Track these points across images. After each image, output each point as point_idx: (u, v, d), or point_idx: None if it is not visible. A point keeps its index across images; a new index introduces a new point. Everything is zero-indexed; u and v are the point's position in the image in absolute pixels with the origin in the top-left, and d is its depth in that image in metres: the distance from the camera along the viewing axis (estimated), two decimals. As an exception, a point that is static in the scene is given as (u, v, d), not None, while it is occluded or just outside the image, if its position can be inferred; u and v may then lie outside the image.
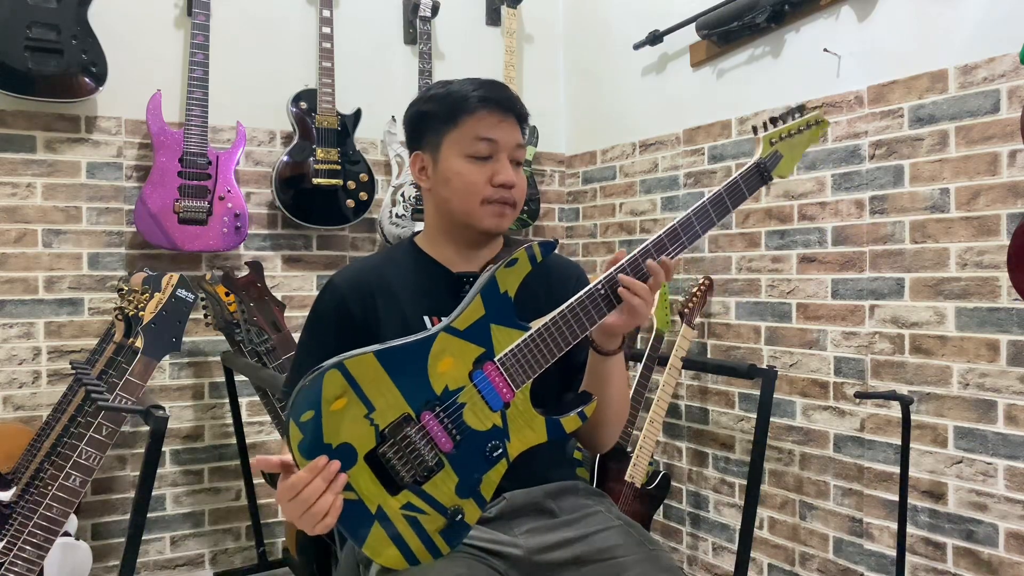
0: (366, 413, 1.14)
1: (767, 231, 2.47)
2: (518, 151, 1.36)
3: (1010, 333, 1.89)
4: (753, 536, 2.30)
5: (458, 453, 1.18)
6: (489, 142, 1.33)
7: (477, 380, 1.20)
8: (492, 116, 1.33)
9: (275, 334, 2.28)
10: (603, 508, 1.35)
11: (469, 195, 1.33)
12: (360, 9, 2.99)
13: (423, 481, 1.17)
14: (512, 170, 1.35)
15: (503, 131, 1.34)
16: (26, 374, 2.53)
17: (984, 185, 1.93)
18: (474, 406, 1.19)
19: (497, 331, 1.22)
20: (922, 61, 2.05)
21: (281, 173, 2.74)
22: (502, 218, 1.35)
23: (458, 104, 1.34)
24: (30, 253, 2.52)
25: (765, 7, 2.36)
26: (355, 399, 1.13)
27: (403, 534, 1.16)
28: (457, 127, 1.33)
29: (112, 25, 2.53)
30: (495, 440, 1.21)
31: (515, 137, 1.35)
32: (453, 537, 1.19)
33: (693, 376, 2.75)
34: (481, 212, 1.34)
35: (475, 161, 1.33)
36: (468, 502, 1.19)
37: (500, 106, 1.33)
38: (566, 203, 3.41)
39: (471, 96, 1.33)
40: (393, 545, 1.15)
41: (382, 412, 1.15)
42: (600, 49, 3.20)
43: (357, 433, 1.13)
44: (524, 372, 1.22)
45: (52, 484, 1.78)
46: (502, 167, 1.33)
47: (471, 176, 1.33)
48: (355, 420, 1.13)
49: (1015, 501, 1.88)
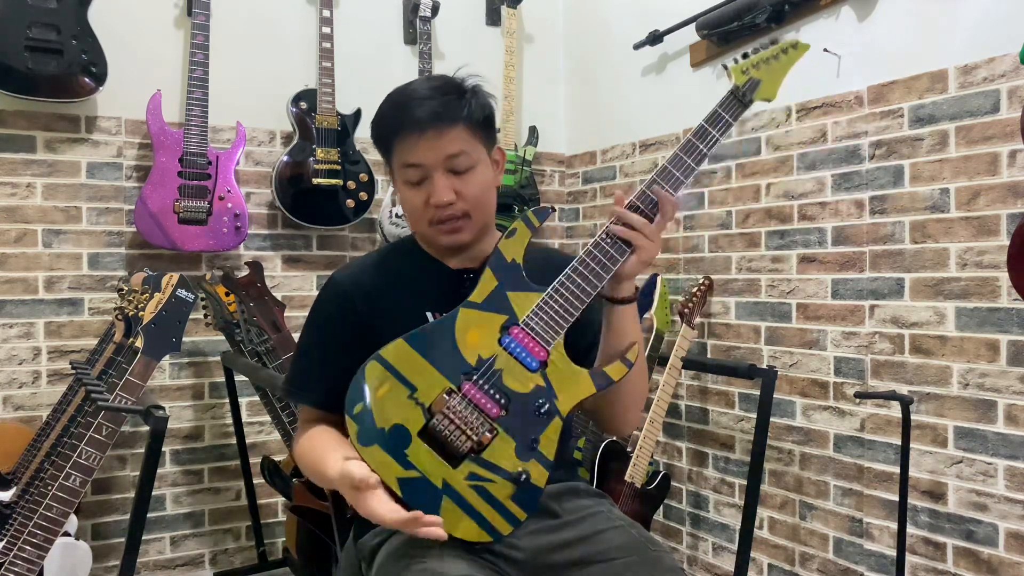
0: (409, 394, 1.21)
1: (767, 231, 2.47)
2: (453, 160, 1.30)
3: (1010, 333, 1.89)
4: (753, 536, 2.30)
5: (508, 417, 1.22)
6: (415, 167, 1.30)
7: (507, 344, 1.24)
8: (410, 139, 1.29)
9: (275, 334, 2.28)
10: (604, 509, 1.35)
11: (417, 220, 1.35)
12: (360, 9, 2.99)
13: (481, 450, 1.21)
14: (446, 184, 1.30)
15: (423, 151, 1.29)
16: (26, 374, 2.53)
17: (984, 185, 1.93)
18: (511, 370, 1.23)
19: (515, 297, 1.26)
20: (922, 61, 2.05)
21: (281, 173, 2.74)
22: (456, 234, 1.33)
23: (383, 134, 1.34)
24: (30, 253, 2.52)
25: (765, 7, 2.36)
26: (396, 383, 1.21)
27: (474, 504, 1.20)
28: (392, 153, 1.34)
29: (112, 25, 2.53)
30: (542, 399, 1.23)
31: (443, 150, 1.29)
32: (527, 501, 1.22)
33: (693, 376, 2.75)
34: (432, 233, 1.34)
35: (411, 186, 1.32)
36: (531, 464, 1.22)
37: (417, 127, 1.28)
38: (566, 203, 3.41)
39: (389, 126, 1.32)
40: (467, 517, 1.19)
41: (424, 391, 1.21)
42: (600, 49, 3.19)
43: (405, 414, 1.20)
44: (551, 330, 1.24)
45: (52, 484, 1.78)
46: (435, 188, 1.29)
47: (411, 203, 1.34)
48: (400, 403, 1.21)
49: (1015, 501, 1.88)
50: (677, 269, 2.81)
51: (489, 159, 1.37)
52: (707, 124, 1.30)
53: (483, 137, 1.35)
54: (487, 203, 1.37)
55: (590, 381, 1.25)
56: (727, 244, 2.61)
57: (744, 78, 1.33)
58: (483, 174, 1.35)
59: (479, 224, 1.36)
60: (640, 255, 1.26)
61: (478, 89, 1.36)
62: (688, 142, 1.29)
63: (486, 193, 1.36)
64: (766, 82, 1.34)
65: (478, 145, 1.34)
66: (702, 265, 2.70)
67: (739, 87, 1.32)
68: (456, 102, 1.31)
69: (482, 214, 1.36)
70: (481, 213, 1.35)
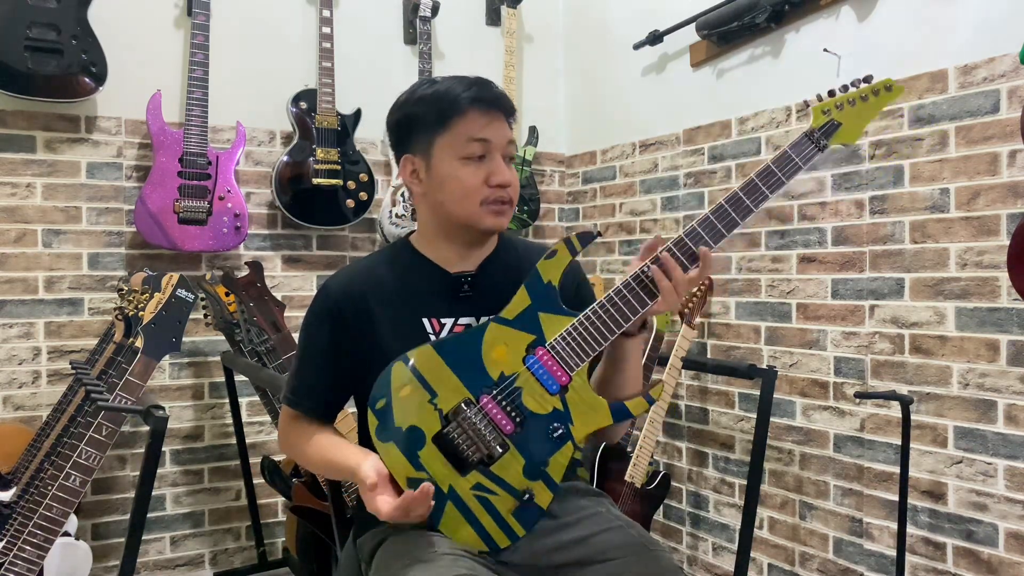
0: (430, 399, 1.24)
1: (767, 231, 2.47)
2: (510, 147, 1.36)
3: (1010, 333, 1.89)
4: (753, 536, 2.29)
5: (521, 435, 1.24)
6: (482, 142, 1.32)
7: (531, 364, 1.26)
8: (482, 116, 1.32)
9: (275, 334, 2.28)
10: (603, 509, 1.35)
11: (467, 198, 1.32)
12: (360, 9, 2.99)
13: (490, 463, 1.23)
14: (506, 167, 1.35)
15: (494, 130, 1.33)
16: (26, 374, 2.53)
17: (984, 185, 1.93)
18: (532, 390, 1.25)
19: (545, 318, 1.27)
20: (922, 61, 2.05)
21: (281, 173, 2.74)
22: (501, 216, 1.35)
23: (447, 106, 1.32)
24: (30, 253, 2.52)
25: (765, 7, 2.36)
26: (419, 387, 1.25)
27: (476, 514, 1.23)
28: (447, 129, 1.32)
29: (112, 25, 2.53)
30: (557, 423, 1.25)
31: (506, 134, 1.35)
32: (527, 518, 1.24)
33: (693, 376, 2.75)
34: (481, 213, 1.33)
35: (470, 162, 1.32)
36: (538, 484, 1.24)
37: (489, 105, 1.33)
38: (566, 203, 3.41)
39: (460, 98, 1.32)
40: (468, 524, 1.23)
41: (444, 397, 1.25)
42: (600, 49, 3.20)
43: (423, 417, 1.24)
44: (577, 356, 1.25)
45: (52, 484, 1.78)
46: (497, 167, 1.32)
47: (468, 179, 1.32)
48: (420, 406, 1.24)
49: (1015, 501, 1.88)
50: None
51: None
52: (774, 164, 1.25)
53: None
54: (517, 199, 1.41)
55: (608, 412, 1.26)
56: (727, 244, 2.61)
57: (824, 119, 1.27)
58: None
59: (511, 215, 1.38)
60: (662, 305, 1.26)
61: None
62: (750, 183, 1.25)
63: None
64: (848, 126, 1.27)
65: None
66: (702, 265, 2.70)
67: (815, 129, 1.27)
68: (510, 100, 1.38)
69: (514, 207, 1.39)
70: (515, 206, 1.39)
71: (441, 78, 1.38)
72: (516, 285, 1.33)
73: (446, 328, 1.34)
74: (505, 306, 1.28)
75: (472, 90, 1.33)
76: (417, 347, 1.26)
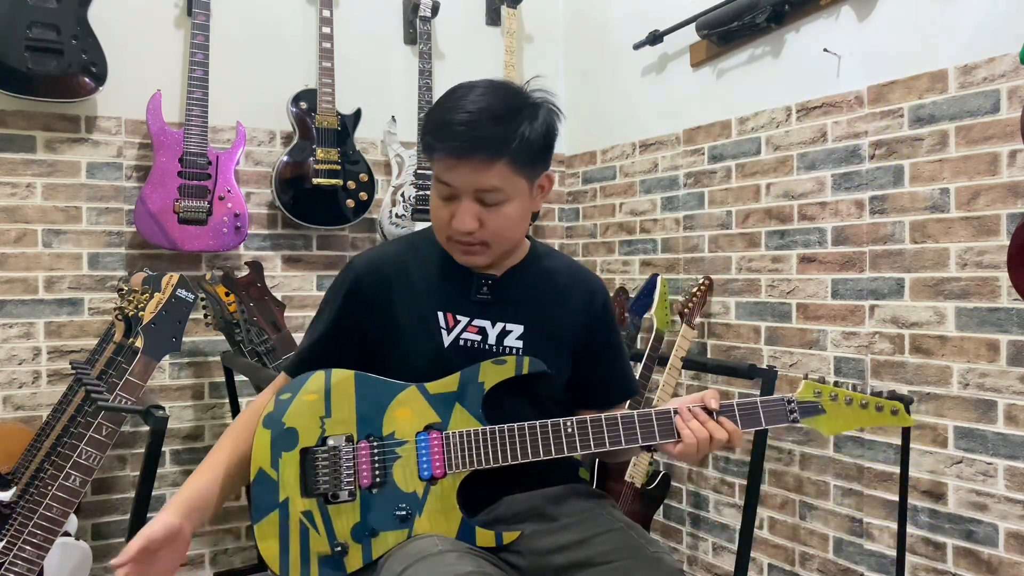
0: (322, 415, 1.27)
1: (767, 231, 2.47)
2: (483, 193, 1.25)
3: (1010, 333, 1.88)
4: (753, 536, 2.29)
5: (371, 495, 1.24)
6: (445, 185, 1.27)
7: (420, 440, 1.26)
8: (448, 159, 1.24)
9: (275, 334, 2.28)
10: (604, 510, 1.35)
11: (438, 231, 1.34)
12: (360, 9, 2.99)
13: (331, 501, 1.23)
14: (473, 213, 1.26)
15: (458, 175, 1.24)
16: (26, 374, 2.53)
17: (984, 185, 1.93)
18: (406, 463, 1.25)
19: (459, 411, 1.28)
20: (922, 61, 2.05)
21: (281, 173, 2.74)
22: (471, 256, 1.31)
23: (425, 140, 1.29)
24: (30, 253, 2.52)
25: (765, 7, 2.36)
26: (322, 401, 1.28)
27: (290, 537, 1.23)
28: (433, 158, 1.29)
29: (112, 25, 2.53)
30: (408, 506, 1.24)
31: (477, 179, 1.23)
32: (328, 570, 1.22)
33: (693, 376, 2.75)
34: (450, 247, 1.33)
35: (440, 199, 1.29)
36: (356, 547, 1.23)
37: (453, 151, 1.23)
38: (566, 203, 3.41)
39: (429, 135, 1.26)
40: (277, 540, 1.22)
41: (334, 422, 1.27)
42: (600, 49, 3.19)
43: (307, 427, 1.26)
44: (464, 459, 1.25)
45: (52, 484, 1.78)
46: (459, 212, 1.26)
47: (436, 213, 1.31)
48: (311, 417, 1.27)
49: (1015, 501, 1.88)
50: (677, 269, 2.81)
51: (531, 188, 1.31)
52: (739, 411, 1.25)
53: (529, 167, 1.27)
54: (513, 234, 1.32)
55: (456, 526, 1.24)
56: (727, 244, 2.61)
57: (811, 396, 1.25)
58: (515, 208, 1.28)
59: (498, 252, 1.33)
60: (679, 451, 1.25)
61: (542, 108, 1.29)
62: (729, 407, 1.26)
63: (514, 226, 1.31)
64: (830, 417, 1.24)
65: (518, 179, 1.27)
66: (702, 265, 2.70)
67: (795, 400, 1.25)
68: (507, 130, 1.22)
69: (503, 243, 1.32)
70: (502, 243, 1.32)
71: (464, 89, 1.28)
72: (537, 299, 1.36)
73: (460, 325, 1.34)
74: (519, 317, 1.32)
75: (445, 129, 1.23)
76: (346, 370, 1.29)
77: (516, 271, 1.40)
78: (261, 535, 1.23)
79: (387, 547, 1.22)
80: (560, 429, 1.26)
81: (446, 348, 1.33)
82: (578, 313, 1.41)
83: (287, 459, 1.25)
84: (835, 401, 1.24)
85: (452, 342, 1.34)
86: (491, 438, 1.25)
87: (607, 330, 1.46)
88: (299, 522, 1.23)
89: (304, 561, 1.22)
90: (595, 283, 1.47)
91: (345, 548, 1.22)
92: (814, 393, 1.24)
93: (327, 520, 1.23)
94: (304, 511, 1.23)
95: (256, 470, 1.24)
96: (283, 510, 1.23)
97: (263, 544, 1.23)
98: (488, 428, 1.26)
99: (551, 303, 1.40)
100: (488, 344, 1.35)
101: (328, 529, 1.23)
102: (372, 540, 1.23)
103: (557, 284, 1.42)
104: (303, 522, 1.23)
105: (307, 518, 1.23)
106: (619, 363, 1.48)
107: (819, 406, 1.24)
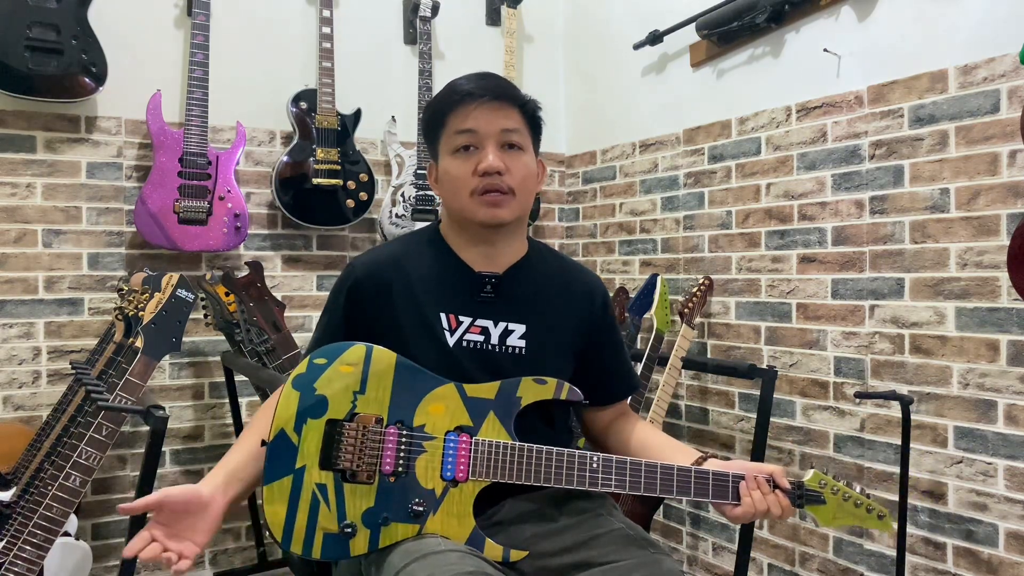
0: (356, 390, 1.24)
1: (767, 231, 2.47)
2: (508, 135, 1.32)
3: (1010, 333, 1.89)
4: (753, 536, 2.29)
5: (390, 483, 1.22)
6: (469, 133, 1.31)
7: (448, 440, 1.24)
8: (468, 105, 1.30)
9: (275, 334, 2.28)
10: (604, 512, 1.35)
11: (458, 191, 1.33)
12: (360, 9, 2.99)
13: (348, 479, 1.21)
14: (498, 155, 1.31)
15: (480, 117, 1.30)
16: (26, 374, 2.53)
17: (984, 185, 1.93)
18: (431, 459, 1.23)
19: (491, 420, 1.27)
20: (922, 61, 2.05)
21: (281, 173, 2.74)
22: (496, 208, 1.32)
23: (442, 105, 1.33)
24: (30, 253, 2.52)
25: (765, 7, 2.36)
26: (358, 375, 1.24)
27: (300, 506, 1.20)
28: (445, 127, 1.33)
29: (112, 25, 2.53)
30: (425, 502, 1.22)
31: (497, 120, 1.31)
32: (331, 548, 1.20)
33: (693, 376, 2.75)
34: (472, 206, 1.32)
35: (459, 155, 1.32)
36: (365, 531, 1.21)
37: (477, 93, 1.30)
38: (566, 203, 3.41)
39: (450, 93, 1.33)
40: (285, 506, 1.19)
41: (366, 400, 1.24)
42: (600, 49, 3.19)
43: (338, 399, 1.23)
44: (488, 468, 1.24)
45: (52, 484, 1.78)
46: (484, 154, 1.30)
47: (456, 171, 1.32)
48: (345, 389, 1.23)
49: (1015, 501, 1.88)
50: (677, 269, 2.81)
51: (536, 155, 1.39)
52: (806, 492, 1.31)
53: (534, 132, 1.38)
54: (529, 192, 1.36)
55: (467, 534, 1.23)
56: (727, 244, 2.61)
57: (816, 486, 1.32)
58: (530, 163, 1.36)
59: (519, 208, 1.35)
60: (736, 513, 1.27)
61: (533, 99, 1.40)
62: None
63: (529, 182, 1.36)
64: (829, 509, 1.32)
65: (529, 136, 1.36)
66: (702, 265, 2.70)
67: (804, 486, 1.32)
68: (515, 89, 1.35)
69: (524, 199, 1.35)
70: (524, 197, 1.35)
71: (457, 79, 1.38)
72: (539, 298, 1.36)
73: (463, 326, 1.34)
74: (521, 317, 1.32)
75: (459, 86, 1.33)
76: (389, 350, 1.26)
77: (517, 269, 1.40)
78: (270, 498, 1.19)
79: (395, 538, 1.21)
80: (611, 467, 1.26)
81: (450, 349, 1.34)
82: (579, 312, 1.42)
83: (312, 426, 1.21)
84: (835, 495, 1.32)
85: (456, 343, 1.34)
86: (519, 455, 1.25)
87: (608, 328, 1.47)
88: (312, 493, 1.20)
89: (309, 534, 1.19)
90: (594, 281, 1.49)
91: (354, 530, 1.19)
92: (819, 483, 1.32)
93: (340, 497, 1.20)
94: (319, 483, 1.20)
95: (277, 430, 1.21)
96: (298, 477, 1.20)
97: (270, 508, 1.19)
98: (517, 445, 1.25)
99: (552, 302, 1.40)
100: (491, 344, 1.35)
101: (340, 507, 1.20)
102: (382, 528, 1.21)
103: (557, 283, 1.42)
104: (315, 494, 1.20)
105: (320, 491, 1.20)
106: (620, 360, 1.49)
107: (822, 496, 1.32)
